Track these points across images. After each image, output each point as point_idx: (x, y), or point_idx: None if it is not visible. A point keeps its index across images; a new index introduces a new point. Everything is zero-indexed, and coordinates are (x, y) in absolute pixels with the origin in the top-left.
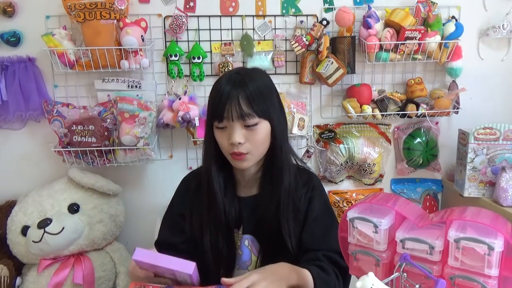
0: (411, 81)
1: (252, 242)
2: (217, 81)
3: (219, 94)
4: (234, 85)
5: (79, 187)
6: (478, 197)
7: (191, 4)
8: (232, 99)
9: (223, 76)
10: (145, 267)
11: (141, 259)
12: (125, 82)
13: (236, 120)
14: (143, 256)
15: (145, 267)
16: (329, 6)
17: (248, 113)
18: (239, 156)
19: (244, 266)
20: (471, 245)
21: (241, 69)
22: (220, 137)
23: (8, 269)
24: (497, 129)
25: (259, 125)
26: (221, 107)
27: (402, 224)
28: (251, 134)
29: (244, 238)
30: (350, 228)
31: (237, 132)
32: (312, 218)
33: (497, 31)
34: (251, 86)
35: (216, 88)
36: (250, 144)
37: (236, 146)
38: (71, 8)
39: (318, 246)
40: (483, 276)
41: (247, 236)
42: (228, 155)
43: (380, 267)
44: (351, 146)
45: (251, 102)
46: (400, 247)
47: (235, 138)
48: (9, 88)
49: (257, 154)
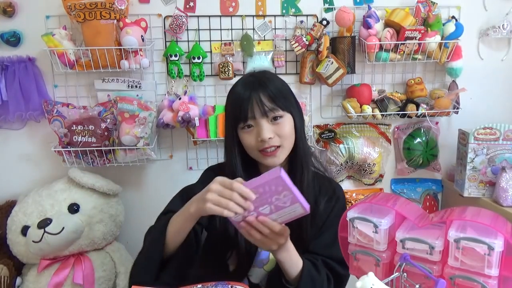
0: (411, 81)
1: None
2: (233, 88)
3: (239, 98)
4: (252, 87)
5: (79, 187)
6: (478, 197)
7: (191, 4)
8: (253, 99)
9: (238, 82)
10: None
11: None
12: (125, 82)
13: (261, 117)
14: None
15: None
16: (329, 6)
17: (272, 107)
18: (271, 152)
19: (260, 264)
20: (471, 245)
21: (254, 72)
22: (247, 138)
23: (8, 269)
24: (497, 129)
25: (284, 118)
26: (244, 109)
27: (402, 224)
28: (278, 128)
29: None
30: (350, 228)
31: (265, 127)
32: (327, 226)
33: (497, 31)
34: (270, 85)
35: (234, 94)
36: (279, 138)
37: (266, 142)
38: (71, 8)
39: (322, 252)
40: (483, 276)
41: None
42: (258, 153)
43: (380, 267)
44: (351, 146)
45: (273, 98)
46: (400, 247)
47: (264, 134)
48: (9, 88)
49: (287, 147)
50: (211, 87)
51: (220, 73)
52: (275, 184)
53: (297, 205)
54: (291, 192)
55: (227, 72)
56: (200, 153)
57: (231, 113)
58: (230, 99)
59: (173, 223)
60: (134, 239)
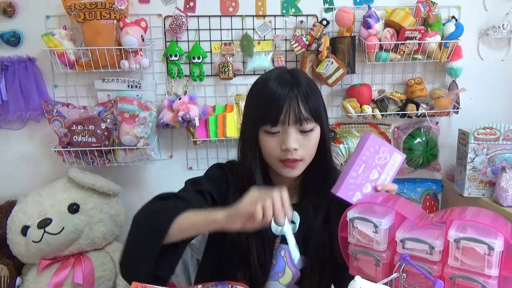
0: (411, 81)
1: (288, 253)
2: (263, 81)
3: (275, 96)
4: (290, 86)
5: (79, 187)
6: (478, 197)
7: (191, 4)
8: (290, 101)
9: (270, 77)
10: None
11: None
12: (125, 82)
13: (292, 125)
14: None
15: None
16: (329, 6)
17: (306, 116)
18: (293, 163)
19: (275, 277)
20: (471, 245)
21: (286, 68)
22: (268, 142)
23: (8, 269)
24: (497, 129)
25: (313, 131)
26: (276, 110)
27: (402, 224)
28: (304, 140)
29: (281, 248)
30: (350, 228)
31: (292, 137)
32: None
33: (497, 31)
34: (308, 90)
35: (266, 89)
36: (303, 151)
37: (290, 152)
38: (71, 8)
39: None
40: (483, 276)
41: (284, 246)
42: (277, 162)
43: (380, 267)
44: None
45: (308, 102)
46: (400, 247)
47: (290, 144)
48: (9, 88)
49: (308, 161)
50: (211, 87)
51: (220, 73)
52: (372, 145)
53: (395, 154)
54: (386, 145)
55: (227, 72)
56: (200, 153)
57: (257, 111)
58: (260, 94)
59: (186, 218)
60: None
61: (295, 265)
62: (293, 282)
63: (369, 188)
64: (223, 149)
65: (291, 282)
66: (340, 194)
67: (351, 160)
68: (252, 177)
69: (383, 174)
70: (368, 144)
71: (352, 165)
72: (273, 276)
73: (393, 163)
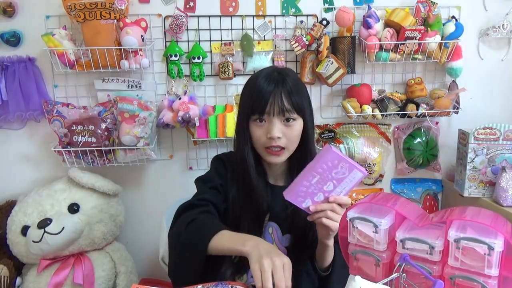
0: (411, 81)
1: (275, 230)
2: (254, 79)
3: (261, 91)
4: (276, 82)
5: (79, 187)
6: (478, 197)
7: (191, 4)
8: (275, 95)
9: (260, 75)
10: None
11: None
12: (125, 82)
13: (276, 116)
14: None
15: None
16: (329, 6)
17: (289, 108)
18: (277, 151)
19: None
20: (471, 245)
21: (276, 67)
22: (257, 131)
23: (8, 269)
24: (497, 129)
25: (296, 122)
26: (263, 103)
27: (402, 224)
28: (288, 130)
29: (269, 225)
30: (350, 228)
31: (276, 126)
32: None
33: (497, 31)
34: (293, 86)
35: (255, 85)
36: (286, 139)
37: (274, 140)
38: (71, 8)
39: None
40: (483, 276)
41: (272, 224)
42: (263, 149)
43: (380, 267)
44: (351, 146)
45: (291, 97)
46: (400, 247)
47: (274, 133)
48: (9, 88)
49: (291, 150)
50: (211, 87)
51: (220, 73)
52: (331, 159)
53: (355, 171)
54: (346, 161)
55: (227, 72)
56: (200, 153)
57: (247, 103)
58: (250, 89)
59: (220, 243)
60: (134, 239)
61: (282, 242)
62: None
63: (321, 197)
64: (223, 149)
65: None
66: (289, 198)
67: (308, 168)
68: (244, 160)
69: (338, 187)
70: (327, 158)
71: (306, 174)
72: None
73: (352, 179)
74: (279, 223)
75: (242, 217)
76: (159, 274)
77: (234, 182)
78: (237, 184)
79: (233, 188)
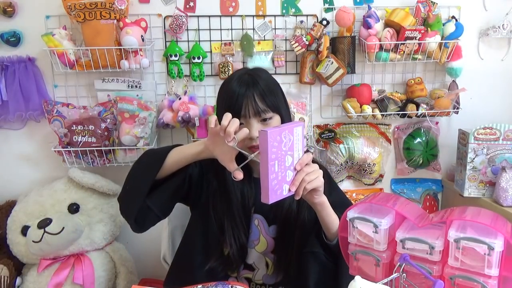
0: (411, 81)
1: (261, 222)
2: (227, 83)
3: (234, 94)
4: (247, 85)
5: (79, 187)
6: (478, 197)
7: (191, 4)
8: (248, 98)
9: (232, 78)
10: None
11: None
12: (125, 82)
13: (253, 116)
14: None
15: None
16: (329, 6)
17: (264, 108)
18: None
19: (251, 244)
20: (471, 245)
21: (247, 69)
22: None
23: (8, 269)
24: (497, 129)
25: (273, 119)
26: (238, 106)
27: (402, 224)
28: (266, 128)
29: (254, 218)
30: (350, 228)
31: (254, 127)
32: (328, 193)
33: (497, 31)
34: (262, 84)
35: (229, 90)
36: None
37: (255, 140)
38: (71, 8)
39: (339, 210)
40: (483, 276)
41: (257, 216)
42: (246, 149)
43: (380, 267)
44: (351, 146)
45: (265, 98)
46: (400, 247)
47: (254, 133)
48: (9, 88)
49: None
50: (211, 87)
51: (220, 73)
52: (273, 138)
53: (295, 129)
54: (284, 129)
55: (227, 72)
56: None
57: (223, 108)
58: (224, 94)
59: (177, 153)
60: (134, 239)
61: (269, 233)
62: (269, 250)
63: (290, 174)
64: None
65: (267, 250)
66: (272, 199)
67: (263, 164)
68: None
69: (295, 153)
70: (270, 141)
71: (267, 169)
72: (250, 244)
73: (297, 137)
74: (264, 215)
75: (226, 213)
76: (159, 274)
77: (215, 179)
78: (218, 181)
79: (213, 182)
